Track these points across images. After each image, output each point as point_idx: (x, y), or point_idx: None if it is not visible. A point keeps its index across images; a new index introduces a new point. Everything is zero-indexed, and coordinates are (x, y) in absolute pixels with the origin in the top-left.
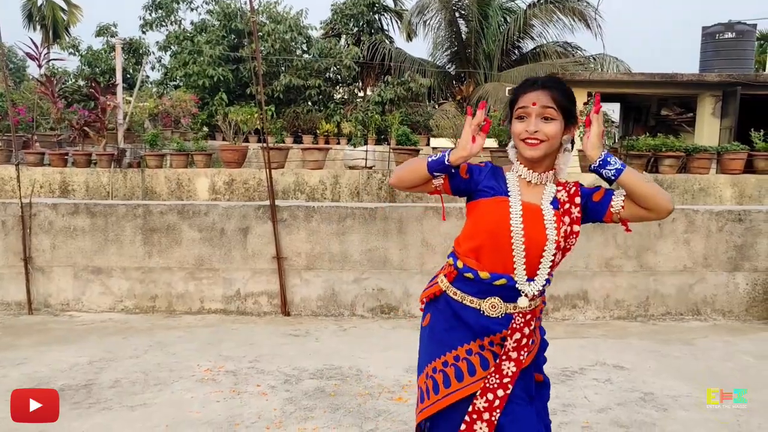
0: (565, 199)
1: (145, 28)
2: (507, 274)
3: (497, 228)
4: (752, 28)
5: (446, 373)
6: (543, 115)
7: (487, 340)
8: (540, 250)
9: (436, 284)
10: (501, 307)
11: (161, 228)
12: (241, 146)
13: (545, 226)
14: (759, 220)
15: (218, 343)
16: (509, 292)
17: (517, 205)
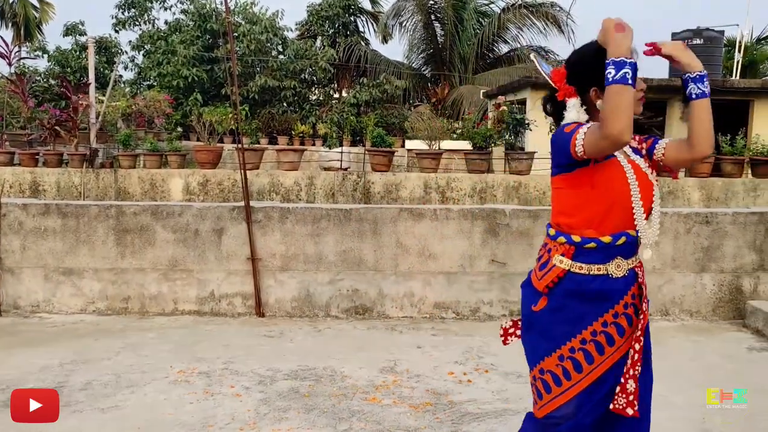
0: (638, 146)
1: (117, 27)
2: (625, 231)
3: (622, 190)
4: (720, 35)
5: (587, 351)
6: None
7: (621, 303)
8: (650, 197)
9: (554, 267)
10: (624, 265)
11: (134, 229)
12: (216, 147)
13: (646, 174)
14: (725, 222)
15: (192, 345)
16: (629, 248)
17: (627, 165)
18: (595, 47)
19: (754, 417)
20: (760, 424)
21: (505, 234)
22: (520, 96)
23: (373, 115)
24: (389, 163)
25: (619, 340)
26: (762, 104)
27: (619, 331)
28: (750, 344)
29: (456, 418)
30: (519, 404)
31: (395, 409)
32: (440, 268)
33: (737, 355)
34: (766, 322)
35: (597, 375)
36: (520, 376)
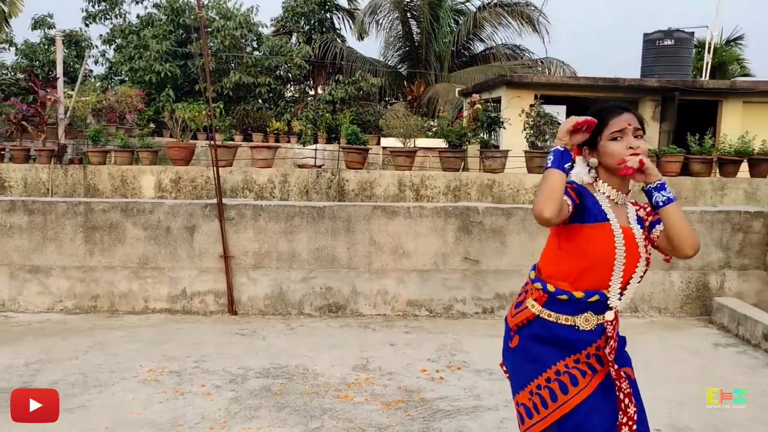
0: (645, 216)
1: (88, 20)
2: (600, 291)
3: (605, 254)
4: (690, 36)
5: (551, 389)
6: (635, 134)
7: (584, 353)
8: (633, 267)
9: (525, 309)
10: (593, 320)
11: (104, 226)
12: (189, 143)
13: (638, 245)
14: (693, 221)
15: (162, 343)
16: (601, 306)
17: (618, 231)
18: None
19: (718, 410)
20: (726, 417)
21: (479, 232)
22: (495, 94)
23: (349, 112)
24: (364, 160)
25: (582, 382)
26: (730, 104)
27: (581, 374)
28: (716, 340)
29: (428, 415)
30: (490, 401)
31: (367, 406)
32: (414, 265)
33: (703, 350)
34: (731, 318)
35: (564, 411)
36: (492, 373)
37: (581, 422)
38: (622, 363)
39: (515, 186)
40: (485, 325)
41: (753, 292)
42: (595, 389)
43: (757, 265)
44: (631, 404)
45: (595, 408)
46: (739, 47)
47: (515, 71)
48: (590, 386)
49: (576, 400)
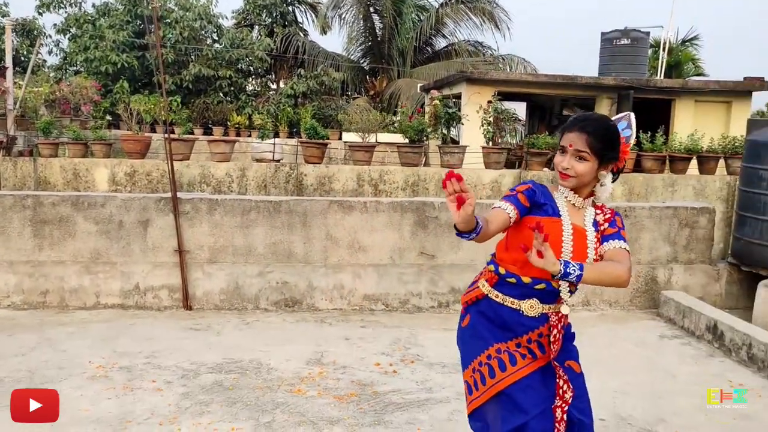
0: (602, 221)
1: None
2: (547, 281)
3: (552, 246)
4: (645, 36)
5: (491, 366)
6: (577, 155)
7: (525, 338)
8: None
9: (477, 288)
10: (538, 308)
11: (53, 220)
12: (144, 136)
13: (587, 246)
14: (642, 216)
15: (113, 339)
16: (548, 295)
17: (568, 227)
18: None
19: (660, 398)
20: (667, 406)
21: (434, 227)
22: (456, 90)
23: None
24: (322, 155)
25: (521, 363)
26: (683, 103)
27: (521, 356)
28: (662, 332)
29: (379, 408)
30: (441, 393)
31: (319, 400)
32: (370, 260)
33: (649, 342)
34: (677, 311)
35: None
36: (444, 366)
37: (516, 398)
38: (568, 356)
39: (473, 181)
40: (440, 318)
41: (699, 285)
42: (534, 371)
43: (702, 260)
44: (568, 390)
45: (531, 386)
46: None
47: (477, 67)
48: (528, 368)
49: (512, 378)
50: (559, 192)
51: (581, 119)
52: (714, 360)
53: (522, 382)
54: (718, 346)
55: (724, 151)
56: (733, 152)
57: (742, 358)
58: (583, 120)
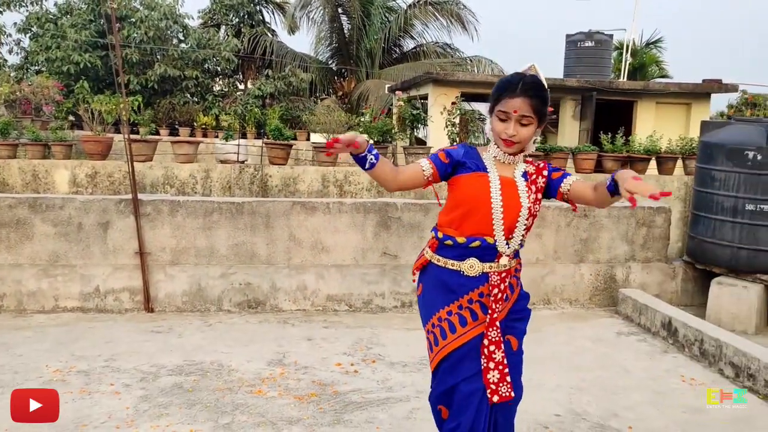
0: (533, 172)
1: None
2: (481, 237)
3: (478, 198)
4: (609, 38)
5: (442, 327)
6: (522, 121)
7: (466, 298)
8: (516, 216)
9: (423, 256)
10: (478, 267)
11: (10, 222)
12: (106, 137)
13: (519, 195)
14: (601, 216)
15: (72, 343)
16: (485, 252)
17: (495, 179)
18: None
19: (614, 394)
20: (621, 401)
21: (397, 227)
22: (423, 91)
23: (278, 107)
24: (287, 156)
25: (462, 328)
26: (644, 105)
27: (461, 321)
28: (619, 329)
29: (339, 408)
30: (401, 392)
31: (280, 401)
32: (333, 261)
33: (607, 339)
34: (634, 308)
35: (448, 350)
36: (405, 365)
37: (454, 364)
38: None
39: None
40: (403, 318)
41: (655, 283)
42: (475, 337)
43: (659, 258)
44: (498, 350)
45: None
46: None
47: (445, 69)
48: (471, 332)
49: (455, 344)
50: (487, 152)
51: (519, 82)
52: (668, 356)
53: (460, 349)
54: (672, 342)
55: (682, 151)
56: (691, 153)
57: (694, 353)
58: (523, 83)
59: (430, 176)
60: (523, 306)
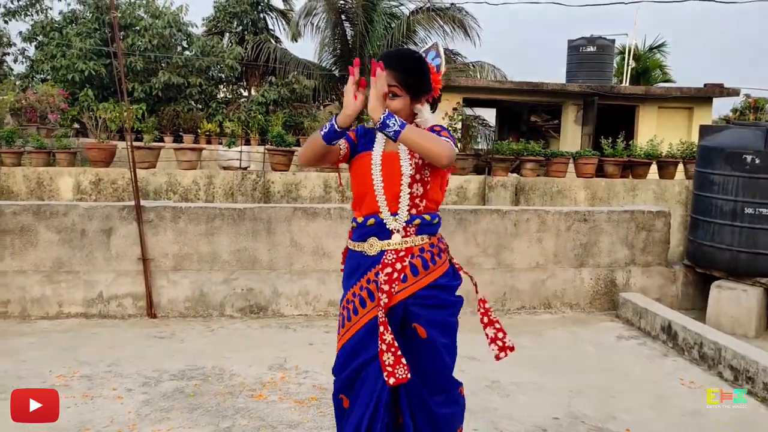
0: None
1: (7, 16)
2: (375, 214)
3: (364, 176)
4: (611, 43)
5: (348, 309)
6: (390, 92)
7: (365, 278)
8: (397, 186)
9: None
10: (377, 245)
11: (14, 229)
12: (109, 144)
13: (401, 165)
14: (601, 220)
15: (75, 348)
16: (381, 229)
17: (377, 156)
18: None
19: (613, 397)
20: (620, 404)
21: None
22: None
23: (282, 114)
24: (289, 162)
25: (363, 310)
26: (646, 109)
27: (361, 302)
28: (620, 333)
29: None
30: None
31: (280, 405)
32: (334, 266)
33: (607, 343)
34: (634, 312)
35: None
36: None
37: (354, 347)
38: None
39: None
40: None
41: (656, 287)
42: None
43: (659, 262)
44: (386, 332)
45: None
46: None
47: (448, 75)
48: (368, 315)
49: (355, 327)
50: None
51: (390, 56)
52: (667, 359)
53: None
54: (672, 346)
55: (683, 156)
56: (691, 157)
57: (693, 357)
58: (392, 57)
59: (344, 153)
60: (437, 294)
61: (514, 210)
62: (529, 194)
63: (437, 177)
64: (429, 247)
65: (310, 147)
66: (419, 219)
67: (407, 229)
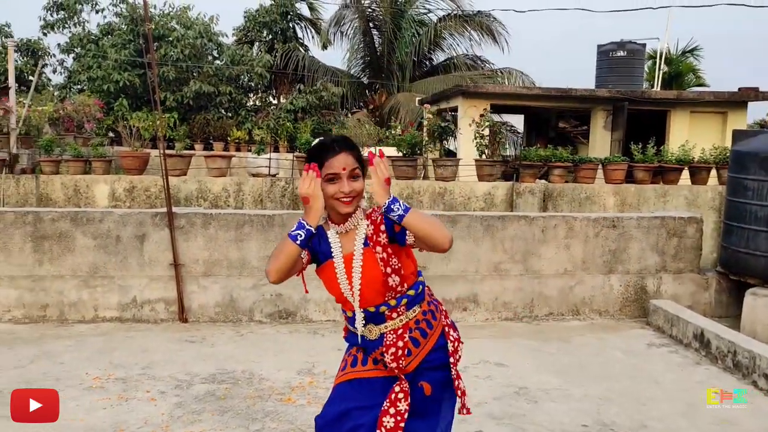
0: (372, 233)
1: (46, 29)
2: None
3: (333, 287)
4: (642, 47)
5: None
6: (352, 174)
7: (372, 356)
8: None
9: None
10: (375, 330)
11: (53, 235)
12: (142, 152)
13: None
14: (630, 226)
15: (110, 351)
16: (374, 317)
17: (340, 264)
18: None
19: (643, 405)
20: (650, 412)
21: None
22: (453, 103)
23: (310, 121)
24: None
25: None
26: (678, 114)
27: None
28: (650, 340)
29: None
30: None
31: (309, 408)
32: None
33: (637, 350)
34: (666, 319)
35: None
36: None
37: (355, 388)
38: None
39: (466, 194)
40: None
41: (688, 294)
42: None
43: (691, 269)
44: (404, 401)
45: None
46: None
47: (475, 81)
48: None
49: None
50: (330, 230)
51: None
52: (700, 368)
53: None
54: (705, 354)
55: (715, 161)
56: (725, 162)
57: (727, 365)
58: (336, 142)
59: (307, 260)
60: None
61: (541, 216)
62: (557, 200)
63: (402, 255)
64: (422, 315)
65: (283, 259)
66: (405, 298)
67: (398, 311)
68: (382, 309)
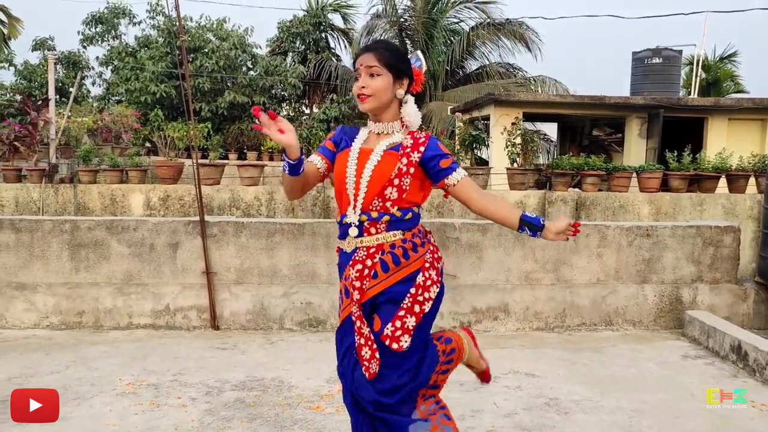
0: (409, 144)
1: (85, 42)
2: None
3: (340, 175)
4: (678, 54)
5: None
6: (369, 72)
7: (344, 275)
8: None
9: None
10: (352, 242)
11: (89, 243)
12: (177, 162)
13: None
14: (665, 236)
15: (144, 358)
16: (357, 227)
17: (354, 153)
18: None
19: (677, 417)
20: (684, 425)
21: (456, 247)
22: (485, 112)
23: None
24: None
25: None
26: (715, 121)
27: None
28: (686, 352)
29: None
30: (457, 411)
31: (337, 417)
32: None
33: (671, 361)
34: (701, 330)
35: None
36: (462, 384)
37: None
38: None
39: None
40: None
41: (725, 305)
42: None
43: (728, 279)
44: (364, 326)
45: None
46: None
47: (508, 89)
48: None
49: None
50: (365, 127)
51: (365, 45)
52: (737, 380)
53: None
54: (743, 366)
55: (754, 169)
56: (764, 170)
57: (765, 378)
58: (373, 42)
59: (323, 168)
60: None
61: None
62: (590, 209)
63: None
64: (401, 242)
65: (286, 184)
66: (388, 216)
67: (377, 226)
68: (362, 218)
